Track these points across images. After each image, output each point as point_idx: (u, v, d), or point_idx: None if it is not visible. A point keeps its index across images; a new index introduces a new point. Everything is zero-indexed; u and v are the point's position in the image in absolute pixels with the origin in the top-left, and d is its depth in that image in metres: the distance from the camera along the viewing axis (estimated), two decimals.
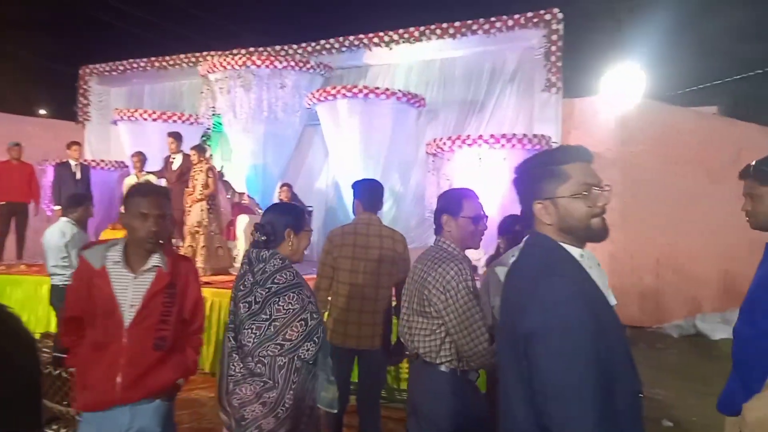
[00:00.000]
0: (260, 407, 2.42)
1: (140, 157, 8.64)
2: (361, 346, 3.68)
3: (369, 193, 3.83)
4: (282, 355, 2.44)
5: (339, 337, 3.67)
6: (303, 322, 2.46)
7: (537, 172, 1.75)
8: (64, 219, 5.42)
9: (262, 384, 2.44)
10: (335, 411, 2.67)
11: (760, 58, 14.32)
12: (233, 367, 2.54)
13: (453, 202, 2.86)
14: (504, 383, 1.79)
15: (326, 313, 3.82)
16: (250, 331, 2.50)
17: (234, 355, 2.56)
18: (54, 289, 5.44)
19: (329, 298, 3.82)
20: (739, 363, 2.31)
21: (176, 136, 8.39)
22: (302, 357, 2.46)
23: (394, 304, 3.81)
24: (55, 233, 5.38)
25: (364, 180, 4.04)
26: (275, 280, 2.51)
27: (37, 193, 8.94)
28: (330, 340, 3.46)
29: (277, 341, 2.44)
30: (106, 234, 8.45)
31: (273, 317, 2.46)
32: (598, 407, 1.51)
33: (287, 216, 2.68)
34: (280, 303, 2.47)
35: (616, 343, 1.67)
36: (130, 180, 8.48)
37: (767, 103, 14.59)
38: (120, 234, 7.53)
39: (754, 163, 2.31)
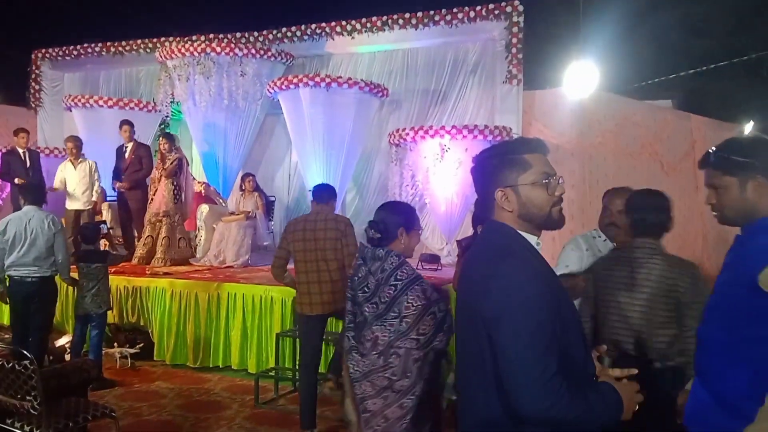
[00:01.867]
0: (382, 401, 2.57)
1: (76, 143, 7.91)
2: (325, 312, 4.44)
3: (318, 190, 4.64)
4: (418, 349, 2.57)
5: (313, 309, 4.44)
6: (432, 315, 2.59)
7: (498, 160, 1.79)
8: (35, 208, 5.31)
9: (387, 381, 2.57)
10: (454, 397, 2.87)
11: (712, 53, 14.71)
12: (352, 366, 2.69)
13: None
14: (463, 370, 1.83)
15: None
16: (383, 328, 2.61)
17: (353, 354, 2.69)
18: (22, 284, 5.21)
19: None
20: (711, 373, 2.02)
21: (132, 124, 8.20)
22: (437, 348, 2.61)
23: None
24: (42, 223, 5.26)
25: (317, 185, 4.86)
26: (398, 277, 2.63)
27: None
28: (300, 311, 4.52)
29: (412, 336, 2.57)
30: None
31: (402, 314, 2.58)
32: (559, 384, 1.57)
33: (400, 215, 2.82)
34: (409, 300, 2.59)
35: (571, 327, 1.74)
36: (66, 167, 7.93)
37: (719, 97, 15.03)
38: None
39: (713, 150, 2.04)
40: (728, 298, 1.98)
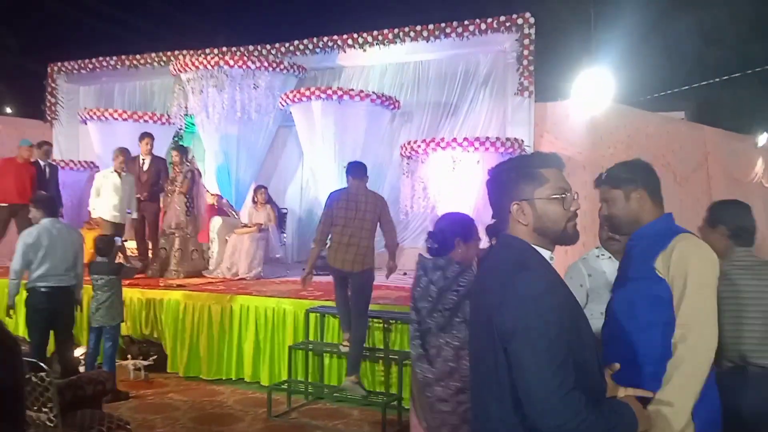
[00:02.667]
0: (456, 403, 2.68)
1: (126, 156, 7.72)
2: (346, 269, 5.16)
3: (355, 167, 5.35)
4: None
5: (336, 263, 5.22)
6: None
7: (514, 174, 1.80)
8: (56, 219, 5.46)
9: (461, 383, 2.68)
10: None
11: (725, 64, 14.65)
12: (420, 372, 2.79)
13: None
14: (476, 382, 1.83)
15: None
16: (451, 335, 2.72)
17: (422, 361, 2.79)
18: (52, 294, 5.26)
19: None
20: (622, 364, 2.09)
21: (153, 137, 8.25)
22: None
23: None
24: (69, 233, 5.44)
25: (352, 161, 5.59)
26: (460, 284, 2.73)
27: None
28: (330, 263, 5.25)
29: None
30: (86, 234, 8.23)
31: (467, 318, 2.66)
32: (577, 399, 1.58)
33: (457, 226, 2.91)
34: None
35: (587, 342, 1.74)
36: (110, 177, 7.68)
37: (732, 108, 14.94)
38: (93, 233, 7.44)
39: (605, 170, 2.43)
40: (628, 294, 2.25)
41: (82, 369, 5.84)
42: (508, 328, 1.64)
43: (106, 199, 7.60)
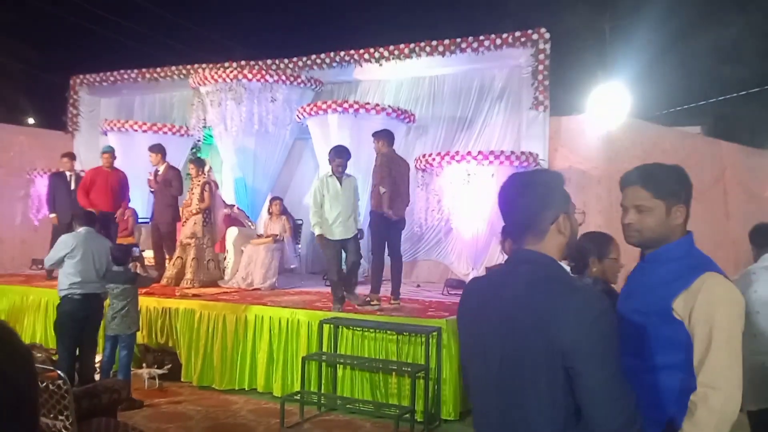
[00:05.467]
0: None
1: (344, 158, 6.37)
2: (398, 215, 6.45)
3: (392, 136, 6.71)
4: None
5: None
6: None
7: (554, 186, 1.83)
8: (90, 229, 5.72)
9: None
10: None
11: (742, 80, 14.56)
12: None
13: None
14: (520, 402, 1.72)
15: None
16: None
17: None
18: (85, 301, 5.46)
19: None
20: None
21: (157, 149, 8.37)
22: None
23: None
24: (101, 242, 5.75)
25: (385, 129, 6.87)
26: None
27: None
28: (386, 210, 6.32)
29: None
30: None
31: None
32: (639, 418, 1.65)
33: (590, 243, 2.80)
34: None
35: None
36: (329, 183, 6.33)
37: (748, 123, 14.84)
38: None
39: (644, 171, 2.10)
40: (639, 325, 2.01)
41: (97, 377, 5.92)
42: (569, 348, 1.61)
43: (327, 211, 6.18)
